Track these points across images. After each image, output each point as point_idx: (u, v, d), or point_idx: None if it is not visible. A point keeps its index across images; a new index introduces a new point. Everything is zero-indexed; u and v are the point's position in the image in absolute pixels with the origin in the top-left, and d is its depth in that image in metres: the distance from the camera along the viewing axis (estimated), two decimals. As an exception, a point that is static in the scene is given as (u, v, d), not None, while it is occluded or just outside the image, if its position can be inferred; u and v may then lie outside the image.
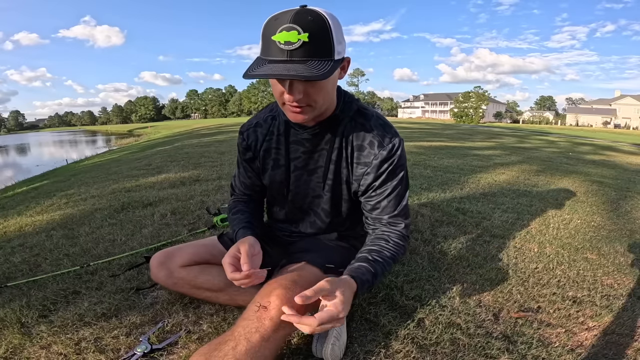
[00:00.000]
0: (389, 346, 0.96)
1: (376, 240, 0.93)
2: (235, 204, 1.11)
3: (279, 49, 0.71)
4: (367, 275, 0.82)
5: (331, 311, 0.70)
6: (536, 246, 1.79)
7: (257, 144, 1.03)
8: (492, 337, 1.02)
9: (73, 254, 1.66)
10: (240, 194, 1.14)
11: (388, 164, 0.92)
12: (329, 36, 0.73)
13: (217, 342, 0.74)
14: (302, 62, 0.71)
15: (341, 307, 0.70)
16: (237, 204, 1.11)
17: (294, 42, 0.70)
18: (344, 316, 0.72)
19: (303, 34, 0.69)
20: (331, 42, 0.74)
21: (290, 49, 0.70)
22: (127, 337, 0.99)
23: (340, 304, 0.71)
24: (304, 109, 0.80)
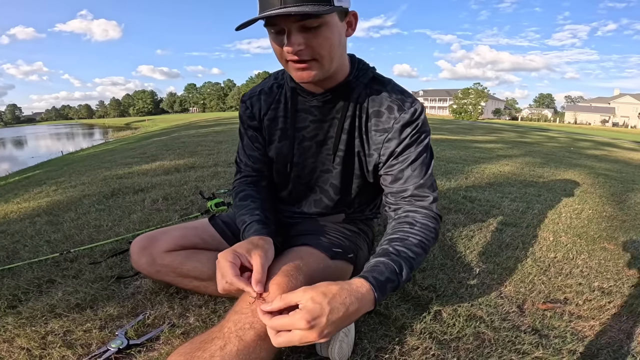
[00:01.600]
0: (404, 342, 0.83)
1: (398, 227, 0.76)
2: (243, 186, 0.95)
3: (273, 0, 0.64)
4: (387, 273, 0.65)
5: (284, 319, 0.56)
6: (551, 235, 1.70)
7: (261, 112, 0.91)
8: (520, 330, 0.90)
9: (54, 241, 1.54)
10: (247, 171, 0.97)
11: (411, 129, 0.80)
12: None
13: (202, 339, 0.60)
14: (296, 6, 0.64)
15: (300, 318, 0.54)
16: (245, 187, 0.94)
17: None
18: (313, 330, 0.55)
19: None
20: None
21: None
22: (101, 331, 0.86)
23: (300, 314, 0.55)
24: (309, 64, 0.70)
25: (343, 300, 0.58)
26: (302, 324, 0.54)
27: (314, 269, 0.72)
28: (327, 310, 0.56)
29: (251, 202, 0.88)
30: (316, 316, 0.55)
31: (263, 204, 0.88)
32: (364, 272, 0.66)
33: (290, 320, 0.55)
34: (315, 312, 0.55)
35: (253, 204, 0.87)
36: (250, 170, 0.97)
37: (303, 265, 0.71)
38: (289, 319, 0.55)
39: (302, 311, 0.55)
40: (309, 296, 0.56)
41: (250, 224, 0.81)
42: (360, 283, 0.62)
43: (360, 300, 0.60)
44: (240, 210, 0.87)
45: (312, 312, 0.55)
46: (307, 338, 0.55)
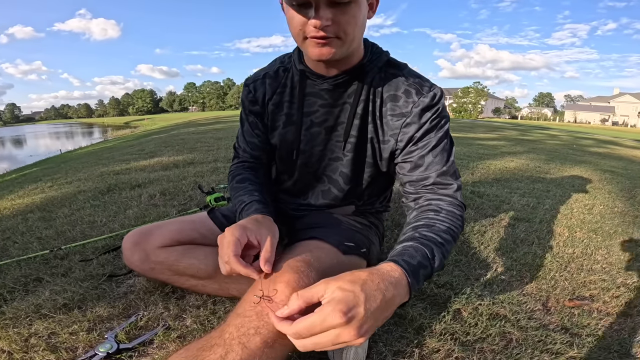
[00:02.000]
0: (423, 344, 0.75)
1: (422, 214, 0.67)
2: (240, 169, 0.89)
3: None
4: (418, 257, 0.56)
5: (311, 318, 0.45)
6: (566, 230, 1.64)
7: (265, 97, 0.84)
8: (549, 329, 0.82)
9: (45, 237, 1.46)
10: (245, 157, 0.91)
11: (432, 113, 0.73)
12: None
13: (199, 346, 0.52)
14: None
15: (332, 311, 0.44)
16: (243, 171, 0.88)
17: None
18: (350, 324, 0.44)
19: None
20: None
21: None
22: (89, 333, 0.78)
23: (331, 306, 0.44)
24: (331, 41, 0.65)
25: (377, 286, 0.47)
26: (336, 317, 0.43)
27: (326, 264, 0.64)
28: (362, 298, 0.45)
29: (249, 184, 0.82)
30: (352, 306, 0.44)
31: (262, 188, 0.82)
32: (391, 257, 0.56)
33: (320, 317, 0.43)
34: (349, 301, 0.44)
35: (251, 186, 0.81)
36: (248, 156, 0.91)
37: (314, 260, 0.63)
38: (318, 316, 0.44)
39: (332, 302, 0.44)
40: (334, 286, 0.46)
41: (250, 203, 0.74)
42: (391, 267, 0.52)
43: (395, 286, 0.50)
44: (238, 192, 0.80)
45: (346, 302, 0.44)
46: (343, 337, 0.44)
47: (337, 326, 0.43)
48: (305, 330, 0.44)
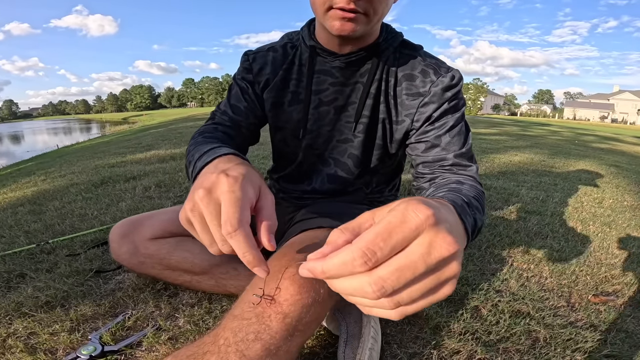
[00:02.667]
0: (442, 345, 0.68)
1: (445, 186, 0.57)
2: (212, 130, 0.73)
3: None
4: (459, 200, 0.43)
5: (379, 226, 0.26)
6: (579, 224, 1.58)
7: (264, 69, 0.77)
8: (578, 327, 0.75)
9: (33, 231, 1.39)
10: (223, 119, 0.77)
11: (451, 93, 0.68)
12: None
13: (189, 353, 0.44)
14: None
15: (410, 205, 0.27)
16: (215, 131, 0.73)
17: None
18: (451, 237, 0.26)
19: None
20: None
21: None
22: (71, 334, 0.70)
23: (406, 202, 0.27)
24: (358, 17, 0.60)
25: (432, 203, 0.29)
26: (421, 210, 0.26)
27: None
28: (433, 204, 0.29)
29: (219, 141, 0.65)
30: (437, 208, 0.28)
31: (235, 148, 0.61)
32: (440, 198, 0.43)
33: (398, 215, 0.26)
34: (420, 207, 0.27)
35: (221, 142, 0.64)
36: (226, 119, 0.77)
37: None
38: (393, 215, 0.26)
39: (402, 203, 0.27)
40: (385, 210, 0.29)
41: (217, 148, 0.55)
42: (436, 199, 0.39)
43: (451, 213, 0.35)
44: (201, 145, 0.60)
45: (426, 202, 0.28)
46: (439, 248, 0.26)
47: (425, 227, 0.26)
48: (381, 240, 0.25)
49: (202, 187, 0.40)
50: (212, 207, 0.39)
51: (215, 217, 0.38)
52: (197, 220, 0.40)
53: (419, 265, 0.25)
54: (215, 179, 0.40)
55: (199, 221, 0.40)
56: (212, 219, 0.38)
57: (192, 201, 0.40)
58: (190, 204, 0.40)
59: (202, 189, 0.39)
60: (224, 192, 0.39)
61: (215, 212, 0.38)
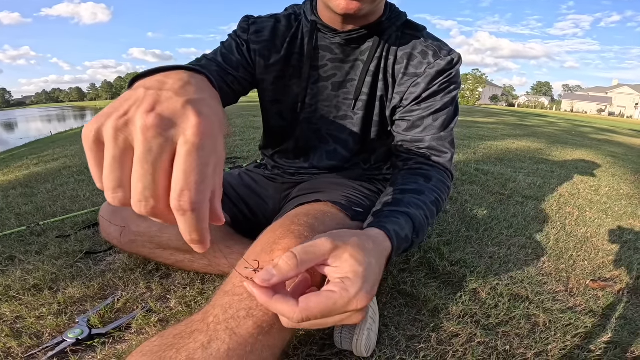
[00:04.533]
0: (441, 328, 0.67)
1: (412, 178, 0.63)
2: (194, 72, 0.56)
3: None
4: (406, 229, 0.51)
5: (330, 301, 0.35)
6: (576, 210, 1.58)
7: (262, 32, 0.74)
8: (577, 312, 0.74)
9: (24, 213, 1.35)
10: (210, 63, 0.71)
11: (444, 77, 0.68)
12: None
13: (176, 332, 0.41)
14: None
15: (358, 294, 0.36)
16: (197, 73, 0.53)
17: None
18: (363, 298, 0.36)
19: None
20: None
21: None
22: (57, 317, 0.68)
23: (355, 287, 0.36)
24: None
25: (378, 260, 0.42)
26: (362, 300, 0.36)
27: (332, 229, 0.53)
28: (378, 276, 0.40)
29: None
30: (372, 285, 0.38)
31: None
32: (382, 222, 0.50)
33: (341, 300, 0.35)
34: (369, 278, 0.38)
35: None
36: (215, 63, 0.70)
37: (319, 224, 0.52)
38: (341, 296, 0.35)
39: (355, 279, 0.36)
40: (346, 253, 0.37)
41: None
42: (384, 238, 0.47)
43: (382, 257, 0.45)
44: None
45: (368, 280, 0.37)
46: (351, 320, 0.37)
47: (353, 311, 0.36)
48: (320, 314, 0.34)
49: (153, 110, 0.25)
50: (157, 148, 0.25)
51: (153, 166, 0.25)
52: (115, 147, 0.25)
53: (331, 322, 0.37)
54: (180, 108, 0.26)
55: (117, 151, 0.25)
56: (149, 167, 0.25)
57: (122, 114, 0.25)
58: (117, 119, 0.25)
59: (154, 114, 0.25)
60: (190, 142, 0.25)
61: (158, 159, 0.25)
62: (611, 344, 0.65)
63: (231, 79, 0.71)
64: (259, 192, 0.85)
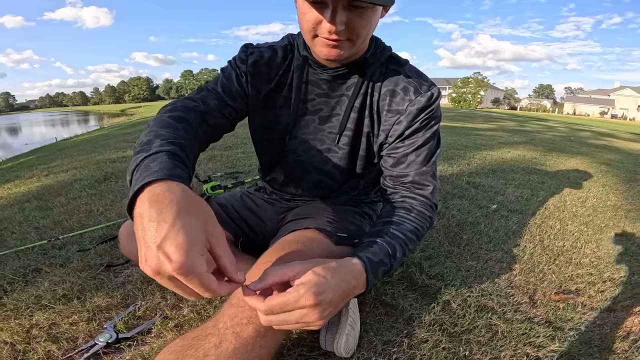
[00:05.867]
0: (413, 334, 0.78)
1: (394, 211, 0.72)
2: (187, 109, 0.69)
3: None
4: (380, 255, 0.62)
5: (285, 296, 0.48)
6: (557, 223, 1.66)
7: (259, 63, 0.80)
8: (534, 322, 0.85)
9: (43, 227, 1.47)
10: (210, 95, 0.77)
11: (425, 114, 0.74)
12: None
13: (194, 335, 0.54)
14: None
15: (307, 292, 0.47)
16: (190, 111, 0.69)
17: None
18: (318, 308, 0.48)
19: None
20: None
21: None
22: (88, 324, 0.80)
23: (305, 288, 0.48)
24: (342, 43, 0.65)
25: (343, 276, 0.53)
26: (309, 299, 0.47)
27: (318, 255, 0.66)
28: (332, 285, 0.50)
29: (182, 128, 0.63)
30: (322, 291, 0.49)
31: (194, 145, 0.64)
32: (357, 251, 0.62)
33: (294, 297, 0.47)
34: (321, 285, 0.49)
35: (184, 132, 0.62)
36: (214, 96, 0.77)
37: (307, 252, 0.65)
38: (292, 295, 0.47)
39: (307, 284, 0.48)
40: (308, 270, 0.51)
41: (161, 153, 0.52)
42: (355, 261, 0.59)
43: (356, 279, 0.56)
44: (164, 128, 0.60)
45: (319, 286, 0.49)
46: (308, 318, 0.48)
47: (307, 307, 0.48)
48: (278, 308, 0.48)
49: (150, 269, 0.41)
50: (171, 284, 0.42)
51: (181, 288, 0.42)
52: (164, 283, 0.42)
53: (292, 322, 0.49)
54: (157, 263, 0.40)
55: (166, 284, 0.42)
56: (179, 290, 0.43)
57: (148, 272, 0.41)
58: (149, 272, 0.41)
59: (151, 271, 0.41)
60: (177, 275, 0.40)
61: (176, 286, 0.42)
62: (556, 352, 0.75)
63: (229, 110, 0.78)
64: (259, 213, 0.96)
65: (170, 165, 0.49)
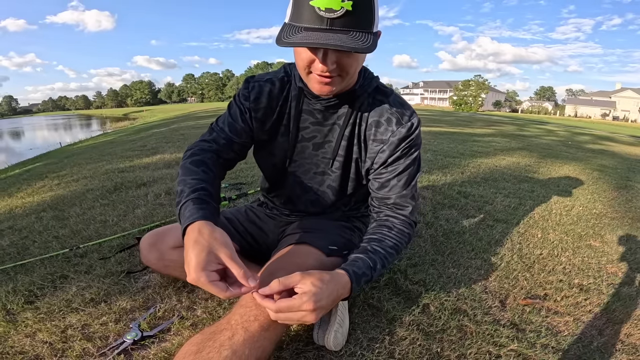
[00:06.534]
0: (394, 333, 0.91)
1: (378, 229, 0.86)
2: (203, 150, 0.87)
3: (317, 15, 0.64)
4: (363, 268, 0.75)
5: (292, 301, 0.63)
6: (539, 232, 1.76)
7: (260, 99, 0.90)
8: (500, 324, 0.98)
9: (62, 236, 1.60)
10: (220, 137, 0.91)
11: (406, 143, 0.85)
12: (372, 6, 0.67)
13: (212, 331, 0.67)
14: (344, 32, 0.65)
15: (308, 300, 0.63)
16: (205, 152, 0.87)
17: (336, 10, 0.63)
18: (315, 311, 0.63)
19: (347, 2, 0.63)
20: (373, 14, 0.68)
21: (331, 17, 0.64)
22: (116, 324, 0.93)
23: (307, 296, 0.63)
24: (333, 79, 0.73)
25: (334, 286, 0.68)
26: (310, 305, 0.63)
27: (311, 266, 0.79)
28: (326, 294, 0.65)
29: (202, 171, 0.82)
30: (319, 299, 0.64)
31: (213, 179, 0.82)
32: (346, 266, 0.75)
33: (298, 302, 0.63)
34: (319, 294, 0.64)
35: (203, 173, 0.81)
36: (223, 136, 0.91)
37: (301, 263, 0.79)
38: (297, 301, 0.63)
39: (309, 294, 0.63)
40: (308, 281, 0.65)
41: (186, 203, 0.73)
42: (342, 273, 0.72)
43: (344, 288, 0.71)
44: (186, 176, 0.80)
45: (318, 295, 0.63)
46: (307, 318, 0.64)
47: (307, 310, 0.63)
48: (285, 308, 0.63)
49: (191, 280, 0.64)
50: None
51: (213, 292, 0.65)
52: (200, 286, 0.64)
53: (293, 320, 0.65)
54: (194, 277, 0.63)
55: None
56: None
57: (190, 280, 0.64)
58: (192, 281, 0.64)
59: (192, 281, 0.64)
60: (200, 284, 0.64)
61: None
62: (517, 352, 0.87)
63: (237, 147, 0.92)
64: (262, 226, 1.09)
65: (195, 210, 0.71)
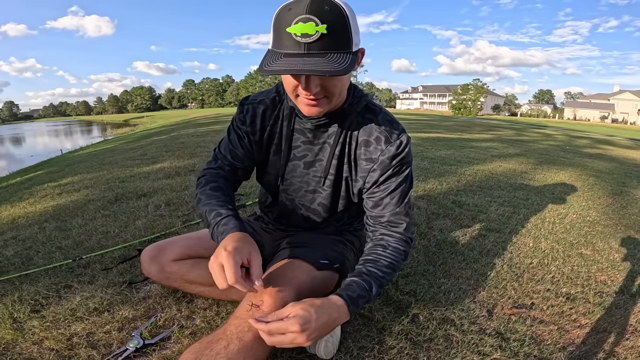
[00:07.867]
0: (383, 342, 0.96)
1: (373, 249, 0.89)
2: (215, 177, 0.96)
3: (295, 41, 0.67)
4: (358, 291, 0.79)
5: (280, 323, 0.68)
6: (531, 241, 1.78)
7: (255, 121, 0.95)
8: (486, 333, 1.02)
9: (65, 247, 1.64)
10: (225, 164, 0.98)
11: (395, 161, 0.87)
12: (347, 27, 0.69)
13: (209, 340, 0.72)
14: (321, 55, 0.67)
15: (295, 323, 0.67)
16: (218, 178, 0.95)
17: (311, 35, 0.66)
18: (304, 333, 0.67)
19: (321, 26, 0.65)
20: (349, 34, 0.70)
21: (307, 42, 0.67)
22: (120, 332, 0.98)
23: (295, 319, 0.68)
24: (319, 101, 0.76)
25: (326, 310, 0.72)
26: (295, 327, 0.67)
27: (302, 280, 0.85)
28: (315, 317, 0.69)
29: (222, 194, 0.90)
30: (307, 321, 0.68)
31: (232, 200, 0.93)
32: (339, 290, 0.79)
33: (285, 325, 0.67)
34: (305, 317, 0.68)
35: (224, 197, 0.90)
36: (227, 163, 0.98)
37: (293, 277, 0.84)
38: (284, 323, 0.67)
39: (296, 317, 0.68)
40: (298, 307, 0.70)
41: (228, 217, 0.83)
42: (337, 298, 0.77)
43: (338, 311, 0.75)
44: (211, 199, 0.88)
45: (304, 318, 0.68)
46: (297, 340, 0.68)
47: (295, 332, 0.67)
48: (275, 330, 0.68)
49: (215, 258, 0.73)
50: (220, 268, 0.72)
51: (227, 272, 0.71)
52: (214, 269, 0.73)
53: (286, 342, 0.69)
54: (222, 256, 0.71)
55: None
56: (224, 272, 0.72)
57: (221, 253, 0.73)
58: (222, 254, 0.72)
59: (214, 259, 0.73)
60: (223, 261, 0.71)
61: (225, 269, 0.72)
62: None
63: (241, 172, 1.00)
64: (258, 239, 1.12)
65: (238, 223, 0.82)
